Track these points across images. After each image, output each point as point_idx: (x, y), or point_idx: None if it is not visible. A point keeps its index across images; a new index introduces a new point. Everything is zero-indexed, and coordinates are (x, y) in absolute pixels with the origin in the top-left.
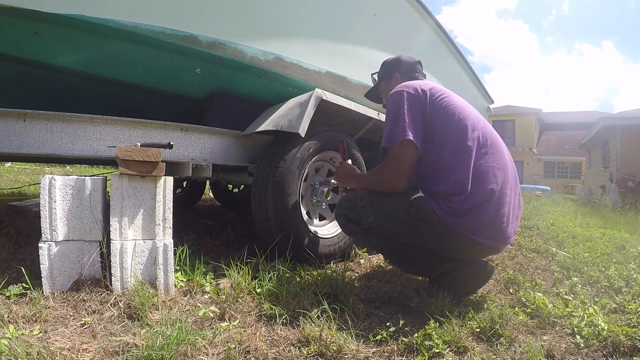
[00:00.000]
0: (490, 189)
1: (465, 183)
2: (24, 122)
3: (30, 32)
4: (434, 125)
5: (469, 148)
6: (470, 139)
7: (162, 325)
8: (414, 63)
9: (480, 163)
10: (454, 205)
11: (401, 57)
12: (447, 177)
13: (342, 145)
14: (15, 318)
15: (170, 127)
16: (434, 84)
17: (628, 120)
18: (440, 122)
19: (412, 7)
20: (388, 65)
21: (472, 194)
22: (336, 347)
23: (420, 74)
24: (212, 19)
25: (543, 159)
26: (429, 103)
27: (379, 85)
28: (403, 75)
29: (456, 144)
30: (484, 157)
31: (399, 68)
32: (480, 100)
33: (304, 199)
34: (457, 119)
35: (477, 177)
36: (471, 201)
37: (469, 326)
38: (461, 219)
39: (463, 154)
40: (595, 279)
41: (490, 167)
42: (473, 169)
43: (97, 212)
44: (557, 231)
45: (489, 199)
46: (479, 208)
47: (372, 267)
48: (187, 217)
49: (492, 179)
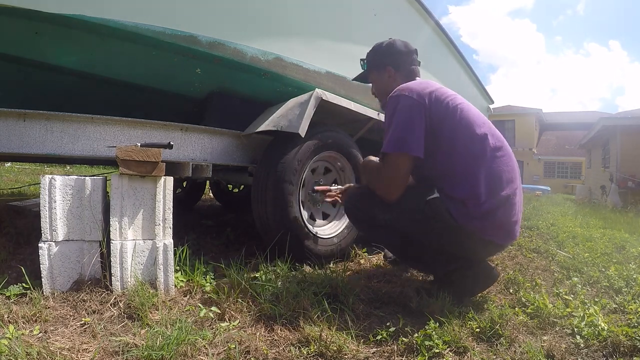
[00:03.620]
0: (505, 195)
1: (479, 191)
2: (24, 122)
3: (30, 32)
4: (441, 131)
5: (481, 155)
6: (481, 144)
7: (162, 326)
8: (409, 53)
9: (492, 169)
10: (469, 210)
11: (395, 44)
12: (462, 184)
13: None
14: (15, 318)
15: (170, 127)
16: (435, 85)
17: (628, 121)
18: (448, 128)
19: (412, 7)
20: (380, 53)
21: (487, 200)
22: (336, 347)
23: (416, 65)
24: (212, 19)
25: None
26: (434, 109)
27: (368, 73)
28: (397, 69)
29: (468, 150)
30: (496, 162)
31: (392, 61)
32: (480, 100)
33: (304, 199)
34: (466, 124)
35: (491, 184)
36: (486, 207)
37: (469, 326)
38: (477, 221)
39: (476, 161)
40: (595, 279)
41: (503, 172)
42: (486, 177)
43: (97, 212)
44: (557, 231)
45: (503, 204)
46: (494, 213)
47: (372, 267)
48: (187, 217)
49: (504, 185)
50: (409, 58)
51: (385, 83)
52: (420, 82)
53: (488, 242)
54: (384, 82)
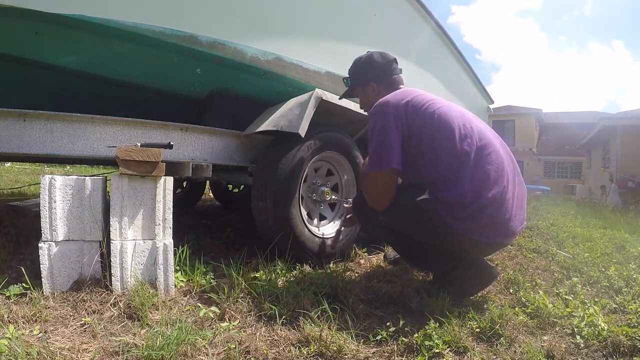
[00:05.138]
0: (491, 195)
1: (464, 195)
2: (24, 122)
3: (30, 32)
4: (421, 138)
5: (464, 158)
6: (462, 148)
7: (162, 326)
8: (388, 64)
9: (477, 171)
10: (456, 212)
11: (373, 57)
12: (447, 188)
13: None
14: (15, 318)
15: (170, 127)
16: (413, 93)
17: (628, 121)
18: (428, 135)
19: (413, 7)
20: (360, 70)
21: (473, 203)
22: (336, 347)
23: (397, 74)
24: (212, 19)
25: (543, 159)
26: (411, 118)
27: (352, 90)
28: (379, 82)
29: (450, 155)
30: (480, 163)
31: (373, 75)
32: (480, 100)
33: (304, 199)
34: (446, 130)
35: (476, 187)
36: (473, 209)
37: (469, 326)
38: (464, 222)
39: (459, 166)
40: (595, 279)
41: (489, 171)
42: (471, 180)
43: (97, 212)
44: (557, 231)
45: (490, 204)
46: (480, 213)
47: (372, 267)
48: (187, 217)
49: (491, 185)
50: (389, 69)
51: (370, 97)
52: (397, 93)
53: (478, 242)
54: (369, 96)
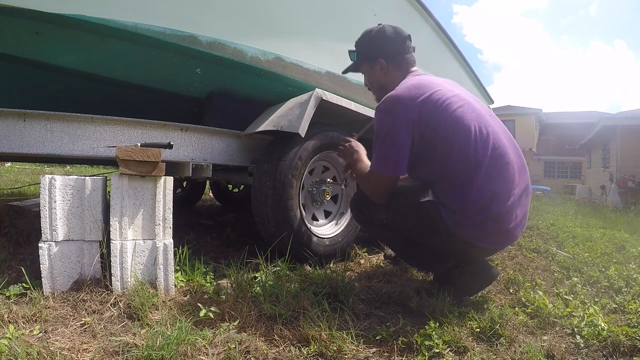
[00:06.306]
0: (497, 210)
1: (470, 205)
2: (23, 122)
3: (30, 32)
4: (432, 140)
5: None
6: (475, 159)
7: (162, 326)
8: (401, 40)
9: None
10: (459, 219)
11: (385, 31)
12: (453, 194)
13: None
14: (15, 318)
15: (170, 127)
16: (431, 87)
17: (628, 121)
18: (441, 140)
19: (412, 7)
20: (369, 44)
21: (478, 214)
22: (336, 347)
23: (410, 54)
24: (212, 19)
25: (543, 159)
26: (425, 121)
27: (359, 65)
28: (389, 60)
29: (461, 163)
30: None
31: (384, 51)
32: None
33: (304, 198)
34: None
35: (484, 200)
36: (477, 219)
37: (469, 326)
38: (467, 229)
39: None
40: (595, 279)
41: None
42: (478, 192)
43: (97, 212)
44: (557, 231)
45: (495, 217)
46: (484, 223)
47: (372, 267)
48: (187, 217)
49: (499, 200)
50: (402, 46)
51: (378, 75)
52: (411, 87)
53: (479, 248)
54: (377, 75)
